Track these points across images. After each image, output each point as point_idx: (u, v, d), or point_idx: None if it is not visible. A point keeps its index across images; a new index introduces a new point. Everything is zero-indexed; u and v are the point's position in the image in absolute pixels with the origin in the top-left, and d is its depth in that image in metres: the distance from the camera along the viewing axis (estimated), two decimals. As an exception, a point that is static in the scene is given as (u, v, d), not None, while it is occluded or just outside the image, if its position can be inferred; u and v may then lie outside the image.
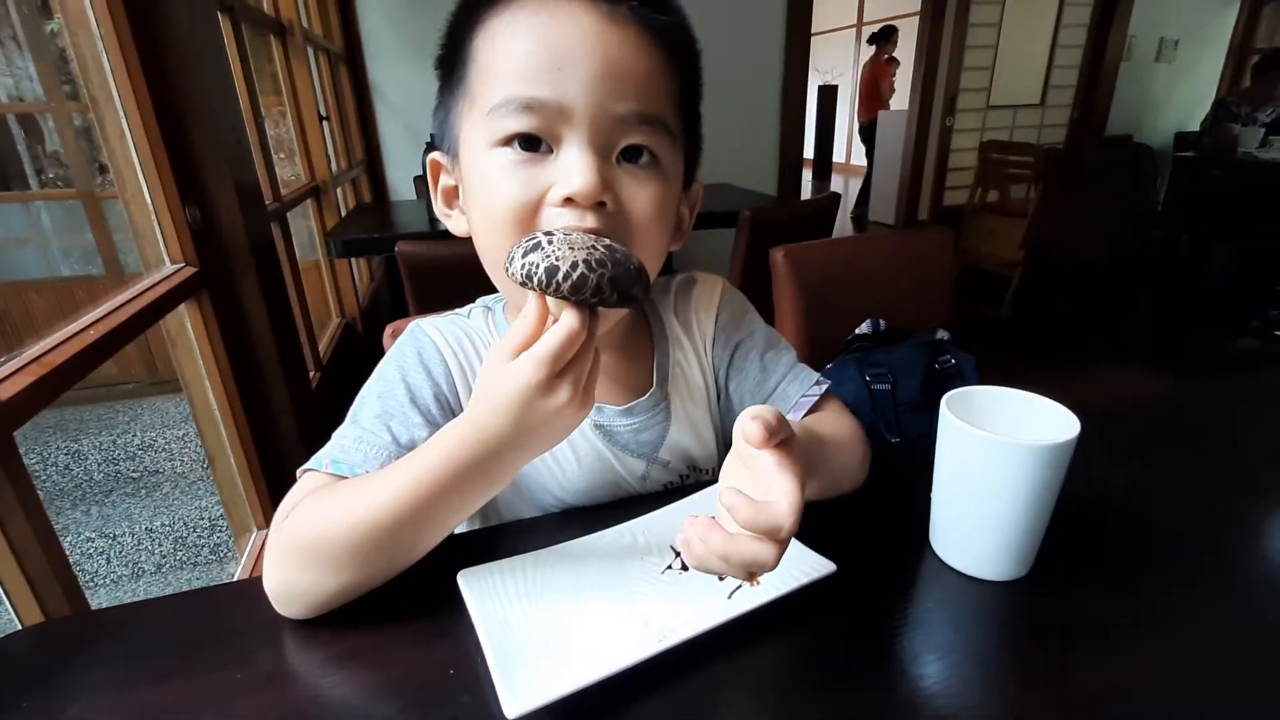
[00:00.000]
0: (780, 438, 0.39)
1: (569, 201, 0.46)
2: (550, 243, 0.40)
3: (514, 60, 0.46)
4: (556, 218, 0.46)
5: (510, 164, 0.47)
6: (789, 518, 0.36)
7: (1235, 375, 0.90)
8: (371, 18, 2.78)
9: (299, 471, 0.52)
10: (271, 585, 0.46)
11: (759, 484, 0.38)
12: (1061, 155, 3.80)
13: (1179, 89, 5.22)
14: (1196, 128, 4.21)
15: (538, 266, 0.38)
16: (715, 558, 0.37)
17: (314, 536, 0.44)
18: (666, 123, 0.49)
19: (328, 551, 0.44)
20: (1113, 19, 4.73)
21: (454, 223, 0.56)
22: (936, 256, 1.38)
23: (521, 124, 0.46)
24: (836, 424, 0.59)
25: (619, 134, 0.47)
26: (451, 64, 0.51)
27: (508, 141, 0.47)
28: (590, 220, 0.46)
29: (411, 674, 0.42)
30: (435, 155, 0.56)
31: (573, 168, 0.45)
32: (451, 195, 0.56)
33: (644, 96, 0.47)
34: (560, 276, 0.38)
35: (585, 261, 0.38)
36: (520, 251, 0.40)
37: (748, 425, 0.38)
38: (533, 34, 0.46)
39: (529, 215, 0.47)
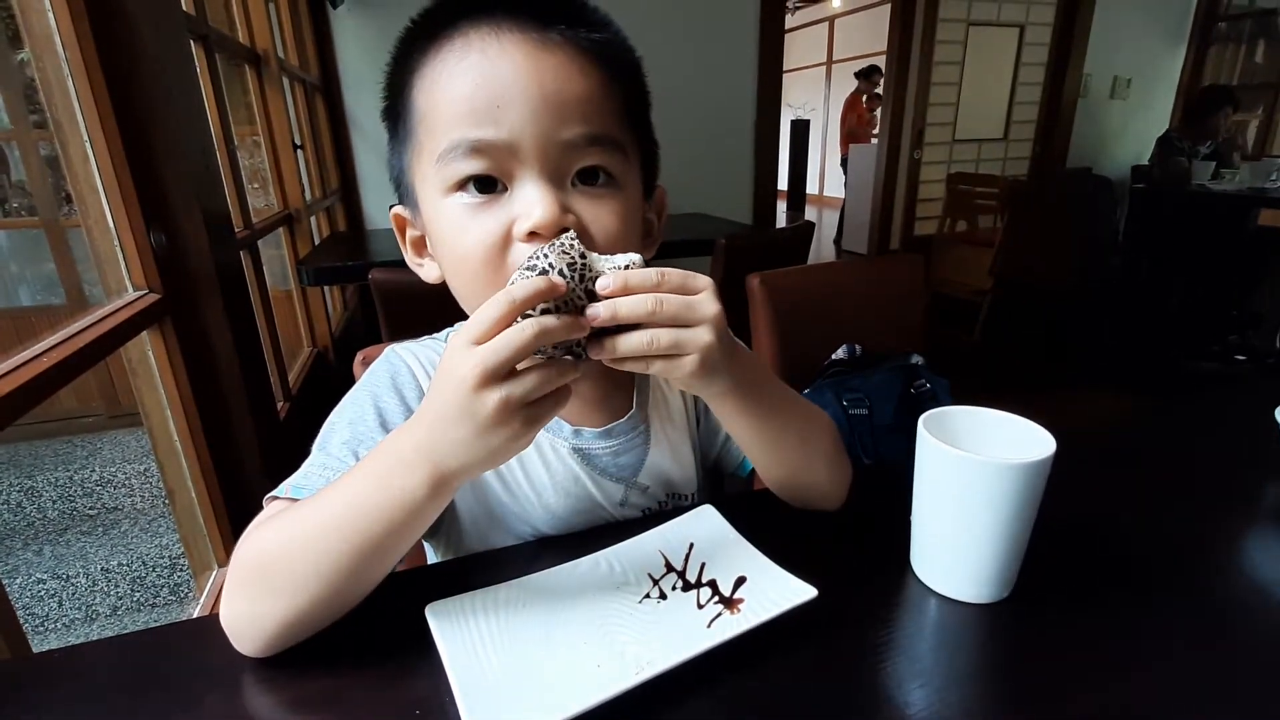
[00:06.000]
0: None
1: (534, 235, 0.45)
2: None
3: (454, 105, 0.46)
4: (525, 252, 0.46)
5: (469, 208, 0.47)
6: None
7: (1200, 397, 0.92)
8: (348, 49, 2.79)
9: (265, 500, 0.50)
10: (225, 618, 0.43)
11: None
12: (1025, 187, 3.93)
13: (1133, 124, 5.44)
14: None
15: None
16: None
17: (254, 558, 0.43)
18: (616, 139, 0.49)
19: (267, 572, 0.42)
20: (1069, 58, 4.94)
21: (426, 271, 0.57)
22: (908, 282, 1.40)
23: (472, 166, 0.46)
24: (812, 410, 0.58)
25: (570, 159, 0.47)
26: (395, 115, 0.51)
27: (461, 185, 0.47)
28: None
29: (375, 717, 0.40)
30: (397, 209, 0.56)
31: (531, 201, 0.45)
32: (420, 245, 0.57)
33: (589, 118, 0.47)
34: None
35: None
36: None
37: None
38: (469, 75, 0.45)
39: (498, 255, 0.47)
